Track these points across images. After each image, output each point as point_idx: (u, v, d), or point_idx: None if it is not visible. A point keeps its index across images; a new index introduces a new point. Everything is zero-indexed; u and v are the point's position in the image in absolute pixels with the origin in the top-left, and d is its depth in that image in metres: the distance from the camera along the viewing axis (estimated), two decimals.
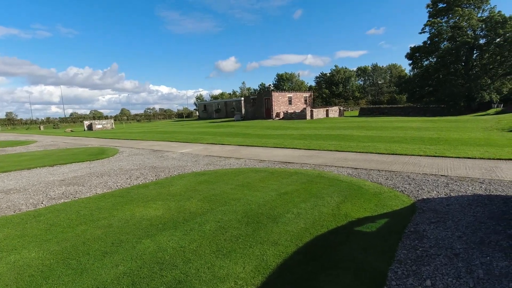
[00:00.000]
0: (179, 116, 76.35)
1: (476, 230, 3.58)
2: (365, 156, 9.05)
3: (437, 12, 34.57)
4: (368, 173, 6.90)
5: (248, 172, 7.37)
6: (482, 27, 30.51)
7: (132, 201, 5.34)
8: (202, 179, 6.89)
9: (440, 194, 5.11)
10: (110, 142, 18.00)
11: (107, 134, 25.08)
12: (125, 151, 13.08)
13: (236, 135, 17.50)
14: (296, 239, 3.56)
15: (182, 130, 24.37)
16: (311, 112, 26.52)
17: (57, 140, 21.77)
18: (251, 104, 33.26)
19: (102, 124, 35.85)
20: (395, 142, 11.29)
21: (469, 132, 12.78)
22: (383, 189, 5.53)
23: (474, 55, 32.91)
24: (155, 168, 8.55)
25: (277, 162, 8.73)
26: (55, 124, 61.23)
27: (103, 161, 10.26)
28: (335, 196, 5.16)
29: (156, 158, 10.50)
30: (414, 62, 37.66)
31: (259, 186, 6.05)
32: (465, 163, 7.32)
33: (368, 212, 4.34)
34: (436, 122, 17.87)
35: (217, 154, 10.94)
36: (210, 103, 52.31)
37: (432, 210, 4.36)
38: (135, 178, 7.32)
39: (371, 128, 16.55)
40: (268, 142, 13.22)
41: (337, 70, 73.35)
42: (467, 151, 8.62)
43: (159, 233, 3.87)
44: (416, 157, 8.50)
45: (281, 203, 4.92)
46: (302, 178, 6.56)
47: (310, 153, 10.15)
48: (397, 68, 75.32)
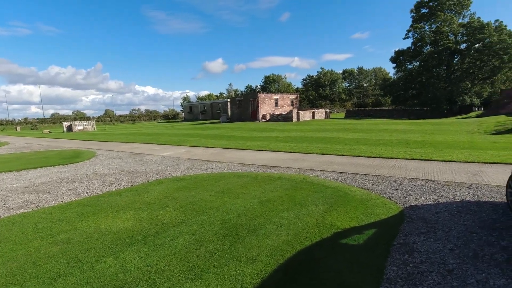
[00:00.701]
0: (164, 117, 75.00)
1: (468, 242, 3.35)
2: (351, 159, 8.86)
3: (420, 17, 35.34)
4: (354, 177, 6.67)
5: (230, 177, 7.00)
6: (462, 33, 31.38)
7: (100, 211, 4.87)
8: (180, 185, 6.47)
9: (428, 200, 4.90)
10: (89, 144, 17.19)
11: (87, 136, 24.09)
12: (102, 154, 12.43)
13: (221, 137, 17.08)
14: (277, 254, 3.23)
15: (166, 132, 23.70)
16: (297, 114, 26.39)
17: (32, 142, 20.68)
18: (237, 106, 32.86)
19: (83, 125, 34.55)
20: (381, 145, 11.20)
21: (453, 135, 12.88)
22: (370, 195, 5.29)
23: (456, 59, 33.78)
24: (132, 173, 8.04)
25: (261, 166, 8.40)
26: (33, 125, 58.77)
27: (77, 165, 9.63)
28: (320, 203, 4.87)
29: (134, 162, 9.96)
30: (398, 66, 38.31)
31: (241, 192, 5.69)
32: (451, 167, 7.21)
33: (354, 222, 4.06)
34: (420, 125, 18.05)
35: (199, 157, 10.51)
36: (196, 105, 51.53)
37: (421, 218, 4.12)
38: (108, 184, 6.81)
39: (357, 130, 16.50)
40: (253, 145, 12.89)
41: (323, 73, 74.05)
42: (452, 155, 8.57)
43: (124, 249, 3.45)
44: (402, 160, 8.37)
45: (262, 212, 4.58)
46: (286, 183, 6.25)
47: (296, 156, 9.88)
48: (382, 71, 76.78)
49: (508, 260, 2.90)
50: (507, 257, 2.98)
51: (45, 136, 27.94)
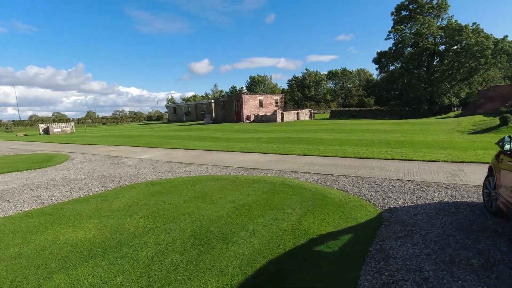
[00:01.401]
0: (148, 119, 73.57)
1: (445, 246, 3.24)
2: (333, 160, 8.76)
3: (401, 20, 36.12)
4: (334, 179, 6.54)
5: (207, 181, 6.73)
6: (441, 35, 32.27)
7: (61, 220, 4.50)
8: (154, 189, 6.14)
9: (407, 202, 4.81)
10: (65, 147, 16.45)
11: (64, 139, 23.14)
12: (77, 157, 11.85)
13: (203, 139, 16.73)
14: (246, 265, 3.00)
15: (148, 133, 23.09)
16: (281, 115, 26.34)
17: (3, 145, 19.63)
18: (221, 107, 32.49)
19: (61, 127, 33.24)
20: (363, 145, 11.19)
21: (432, 135, 13.07)
22: (349, 197, 5.15)
23: (435, 60, 34.72)
24: (104, 178, 7.63)
25: (241, 169, 8.16)
26: (8, 127, 56.25)
27: (47, 170, 9.09)
28: (297, 208, 4.68)
29: (110, 166, 9.50)
30: (380, 67, 39.02)
31: (216, 197, 5.43)
32: (430, 167, 7.21)
33: (331, 227, 3.89)
34: (402, 125, 18.32)
35: (179, 160, 10.16)
36: (180, 106, 50.72)
37: (399, 221, 4.00)
38: (76, 190, 6.40)
39: (340, 131, 16.55)
40: (235, 147, 12.64)
41: (308, 74, 74.65)
42: (432, 154, 8.61)
43: (79, 264, 3.13)
44: (383, 160, 8.34)
45: (236, 217, 4.35)
46: (264, 187, 6.04)
47: (277, 157, 9.71)
48: (365, 72, 78.17)
49: (484, 265, 2.79)
50: (483, 261, 2.87)
51: (19, 139, 26.66)
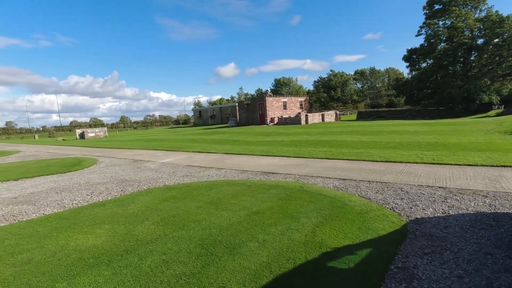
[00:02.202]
0: (176, 122, 75.81)
1: (482, 267, 2.80)
2: (356, 164, 8.28)
3: (433, 14, 34.07)
4: (357, 185, 6.12)
5: (223, 186, 6.60)
6: (479, 28, 29.96)
7: (75, 224, 4.56)
8: (169, 194, 6.12)
9: (437, 212, 4.32)
10: (95, 151, 17.25)
11: (97, 143, 24.36)
12: (104, 161, 12.32)
13: (226, 142, 16.75)
14: (251, 281, 2.78)
15: (173, 137, 23.64)
16: (306, 117, 25.79)
17: (42, 150, 21.03)
18: (244, 110, 32.54)
19: (95, 132, 35.15)
20: (390, 148, 10.52)
21: (469, 136, 12.02)
22: (371, 205, 4.75)
23: (472, 56, 32.28)
24: (124, 182, 7.78)
25: (259, 173, 7.96)
26: (51, 132, 60.68)
27: (74, 174, 9.49)
28: (313, 216, 4.38)
29: (132, 170, 9.73)
30: (411, 65, 37.05)
31: (230, 203, 5.27)
32: (466, 172, 6.54)
33: (348, 239, 3.56)
34: (434, 126, 17.13)
35: (199, 164, 10.18)
36: (205, 109, 51.66)
37: (426, 235, 3.57)
38: (97, 194, 6.55)
39: (366, 132, 15.79)
40: (256, 150, 12.46)
41: (334, 74, 72.92)
42: (468, 157, 7.85)
43: (83, 272, 3.09)
44: (412, 164, 7.73)
45: (248, 226, 4.14)
46: (281, 192, 5.78)
47: (298, 161, 9.38)
48: (395, 71, 74.90)
49: None
50: None
51: (58, 143, 28.50)
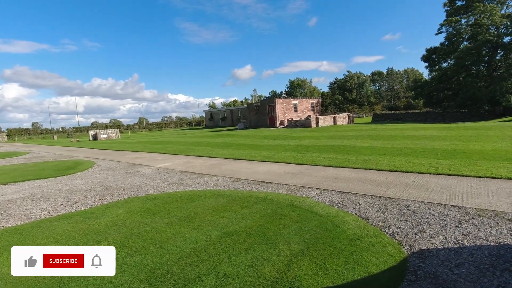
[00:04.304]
0: (189, 124, 76.31)
1: None
2: (361, 173, 7.44)
3: (455, 11, 32.20)
4: (356, 200, 5.33)
5: (206, 198, 5.97)
6: (506, 24, 27.92)
7: (25, 242, 4.05)
8: (145, 207, 5.55)
9: (448, 241, 3.50)
10: (99, 153, 17.13)
11: (105, 145, 24.46)
12: (101, 164, 12.02)
13: (230, 145, 16.17)
14: None
15: (180, 140, 23.34)
16: (316, 120, 24.83)
17: (52, 151, 21.26)
18: (254, 112, 31.89)
19: (107, 133, 35.62)
20: (402, 155, 9.56)
21: (493, 142, 10.81)
22: (367, 229, 3.97)
23: (498, 55, 30.17)
24: (108, 189, 7.31)
25: (252, 182, 7.28)
26: (69, 133, 62.50)
27: (64, 179, 9.16)
28: (294, 242, 3.66)
29: (123, 175, 9.30)
30: (430, 65, 35.17)
31: (206, 220, 4.62)
32: (488, 186, 5.59)
33: (329, 279, 2.82)
34: (454, 130, 15.82)
35: (194, 169, 9.62)
36: (216, 111, 51.50)
37: (430, 276, 2.78)
38: (71, 204, 6.08)
39: (378, 137, 14.75)
40: (257, 155, 11.78)
41: (350, 76, 71.09)
42: (491, 168, 6.84)
43: None
44: (425, 175, 6.82)
45: (214, 252, 3.48)
46: (267, 208, 5.07)
47: (298, 169, 8.63)
48: (414, 72, 72.13)
49: None
50: None
51: (71, 144, 28.95)
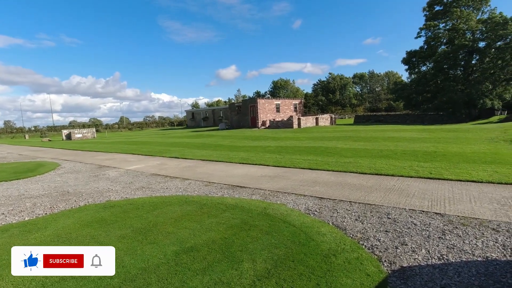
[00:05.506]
0: (171, 124, 74.65)
1: None
2: (342, 177, 7.08)
3: (434, 16, 33.00)
4: (334, 207, 4.92)
5: (171, 205, 5.38)
6: (481, 30, 28.84)
7: None
8: (100, 216, 4.90)
9: (432, 256, 3.12)
10: (67, 154, 16.04)
11: (77, 145, 23.16)
12: (66, 166, 11.11)
13: (208, 147, 15.55)
14: None
15: (157, 140, 22.44)
16: (298, 121, 24.59)
17: (17, 151, 19.83)
18: (236, 112, 31.31)
19: (82, 133, 33.96)
20: (383, 157, 9.32)
21: (471, 145, 10.81)
22: (344, 242, 3.54)
23: (474, 59, 31.14)
24: (64, 195, 6.56)
25: (225, 186, 6.76)
26: (43, 132, 59.52)
27: (18, 182, 8.27)
28: (261, 259, 3.17)
29: (86, 178, 8.52)
30: (410, 68, 35.93)
31: (165, 232, 4.06)
32: (469, 191, 5.35)
33: None
34: (433, 132, 15.93)
35: (166, 172, 8.98)
36: (198, 111, 50.50)
37: None
38: (15, 213, 5.34)
39: (360, 138, 14.59)
40: (235, 157, 11.26)
41: (332, 77, 71.91)
42: (471, 172, 6.65)
43: None
44: (405, 179, 6.54)
45: (164, 275, 2.93)
46: (236, 217, 4.57)
47: (276, 171, 8.18)
48: (394, 75, 73.92)
49: None
50: None
51: (40, 144, 27.27)
